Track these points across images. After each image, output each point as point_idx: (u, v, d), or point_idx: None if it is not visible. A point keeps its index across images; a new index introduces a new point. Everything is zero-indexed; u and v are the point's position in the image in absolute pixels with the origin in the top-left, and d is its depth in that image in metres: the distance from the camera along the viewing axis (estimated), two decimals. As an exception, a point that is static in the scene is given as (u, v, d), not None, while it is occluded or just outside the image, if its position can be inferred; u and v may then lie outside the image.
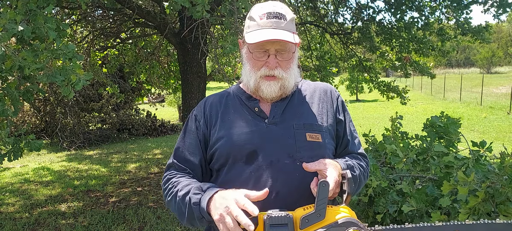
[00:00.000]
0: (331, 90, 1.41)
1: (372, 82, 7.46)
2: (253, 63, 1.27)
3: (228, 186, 1.22)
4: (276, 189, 1.20)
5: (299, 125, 1.27)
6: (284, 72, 1.26)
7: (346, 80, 22.34)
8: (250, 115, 1.30)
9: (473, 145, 2.61)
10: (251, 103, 1.31)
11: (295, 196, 1.21)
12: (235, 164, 1.24)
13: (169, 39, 5.67)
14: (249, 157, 1.23)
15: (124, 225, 4.34)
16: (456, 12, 5.83)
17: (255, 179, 1.21)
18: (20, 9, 2.40)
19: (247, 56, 1.30)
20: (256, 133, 1.26)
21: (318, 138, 1.27)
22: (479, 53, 46.68)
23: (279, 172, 1.21)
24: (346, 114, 1.40)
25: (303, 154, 1.23)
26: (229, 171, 1.25)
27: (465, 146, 2.88)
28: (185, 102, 5.95)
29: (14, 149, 2.90)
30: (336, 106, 1.37)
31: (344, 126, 1.37)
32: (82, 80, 2.45)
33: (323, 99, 1.37)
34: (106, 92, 10.35)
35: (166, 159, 8.02)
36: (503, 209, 2.01)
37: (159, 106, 15.08)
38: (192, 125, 1.35)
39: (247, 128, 1.27)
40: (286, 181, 1.21)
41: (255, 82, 1.27)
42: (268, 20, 1.23)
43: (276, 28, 1.22)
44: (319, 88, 1.40)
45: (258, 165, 1.22)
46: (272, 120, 1.28)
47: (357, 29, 6.71)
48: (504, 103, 14.89)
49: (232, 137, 1.26)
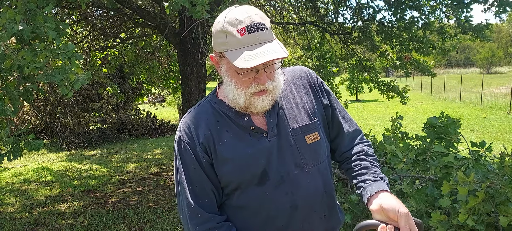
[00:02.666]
0: (309, 75, 1.34)
1: (372, 82, 7.46)
2: (241, 83, 1.16)
3: (246, 210, 1.21)
4: (295, 203, 1.19)
5: (296, 130, 1.23)
6: (273, 82, 1.19)
7: (346, 80, 22.33)
8: (248, 133, 1.21)
9: (473, 145, 2.61)
10: (245, 122, 1.22)
11: (311, 204, 1.22)
12: (248, 187, 1.20)
13: (169, 39, 5.67)
14: (261, 178, 1.19)
15: (124, 225, 4.34)
16: (457, 11, 5.83)
17: (272, 199, 1.18)
18: (20, 9, 2.40)
19: (231, 74, 1.17)
20: (260, 151, 1.19)
21: (316, 136, 1.25)
22: (479, 53, 46.66)
23: (292, 184, 1.19)
24: (330, 95, 1.36)
25: (307, 160, 1.22)
26: (242, 195, 1.20)
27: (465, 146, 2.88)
28: (185, 102, 5.95)
29: (14, 148, 2.90)
30: (318, 90, 1.33)
31: (330, 108, 1.33)
32: (81, 79, 2.45)
33: (305, 88, 1.32)
34: (106, 92, 10.35)
35: (166, 159, 8.02)
36: (503, 209, 2.01)
37: (159, 106, 15.07)
38: (187, 156, 1.21)
39: (250, 149, 1.19)
40: (301, 191, 1.20)
41: (244, 101, 1.18)
42: (250, 35, 1.09)
43: (261, 43, 1.10)
44: (297, 77, 1.33)
45: (270, 184, 1.19)
46: (272, 132, 1.22)
47: (357, 29, 6.70)
48: (504, 104, 14.88)
49: (238, 161, 1.19)
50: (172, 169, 6.94)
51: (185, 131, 1.22)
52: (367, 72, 7.40)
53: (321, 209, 1.25)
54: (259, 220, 1.21)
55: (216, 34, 1.16)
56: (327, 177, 1.30)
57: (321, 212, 1.25)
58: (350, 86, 22.33)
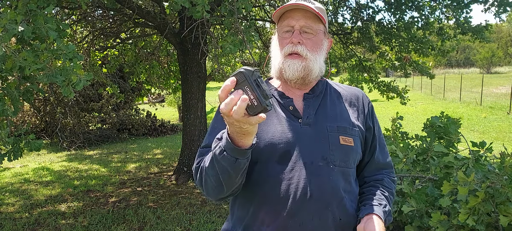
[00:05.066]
0: (363, 96, 1.39)
1: (372, 82, 7.46)
2: (280, 44, 1.26)
3: (260, 185, 1.20)
4: (310, 192, 1.18)
5: (332, 127, 1.25)
6: (308, 51, 1.23)
7: (346, 80, 22.34)
8: (284, 113, 1.25)
9: (473, 145, 2.62)
10: (285, 102, 1.27)
11: (327, 199, 1.20)
12: (268, 162, 1.20)
13: (169, 39, 5.67)
14: (283, 157, 1.20)
15: (124, 225, 4.34)
16: (456, 11, 5.83)
17: (288, 179, 1.18)
18: (21, 9, 2.41)
19: (277, 41, 1.29)
20: (290, 132, 1.22)
21: (350, 142, 1.25)
22: (479, 53, 46.67)
23: (313, 174, 1.19)
24: (375, 121, 1.39)
25: (336, 157, 1.22)
26: (261, 169, 1.21)
27: (465, 146, 2.88)
28: (185, 102, 5.95)
29: (14, 149, 2.90)
30: (367, 113, 1.36)
31: (372, 132, 1.36)
32: (83, 80, 2.45)
33: (354, 103, 1.35)
34: (106, 92, 10.35)
35: (166, 159, 8.03)
36: (503, 209, 2.01)
37: (159, 106, 15.08)
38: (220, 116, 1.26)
39: (280, 127, 1.22)
40: (320, 184, 1.19)
41: (279, 64, 1.25)
42: (296, 1, 1.23)
43: (304, 1, 1.22)
44: (351, 92, 1.39)
45: (292, 166, 1.19)
46: (306, 120, 1.24)
47: (356, 29, 6.71)
48: (504, 103, 14.89)
49: (266, 134, 1.21)
50: (172, 169, 6.95)
51: None
52: (367, 73, 7.40)
53: (338, 212, 1.22)
54: (273, 200, 1.20)
55: None
56: (351, 186, 1.28)
57: (336, 215, 1.22)
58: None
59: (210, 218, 4.46)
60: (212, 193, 1.18)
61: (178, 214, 4.61)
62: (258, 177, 1.21)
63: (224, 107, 0.92)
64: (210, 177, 1.13)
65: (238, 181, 1.13)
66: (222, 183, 1.11)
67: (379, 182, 1.35)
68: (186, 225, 4.29)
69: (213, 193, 1.18)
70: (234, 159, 1.03)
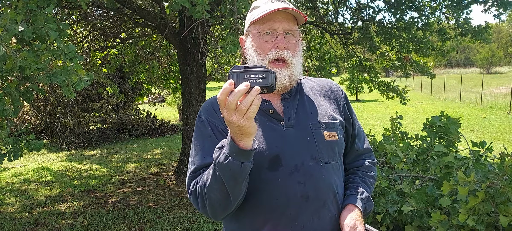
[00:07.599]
0: (336, 87, 1.40)
1: (372, 82, 7.47)
2: (261, 48, 1.21)
3: (255, 194, 1.18)
4: (307, 193, 1.18)
5: (315, 124, 1.25)
6: (292, 56, 1.21)
7: (346, 80, 22.35)
8: (265, 118, 1.23)
9: (473, 145, 2.62)
10: (264, 106, 1.23)
11: (323, 198, 1.21)
12: (259, 171, 1.17)
13: (169, 39, 5.68)
14: (273, 162, 1.18)
15: (124, 225, 4.34)
16: (456, 12, 5.83)
17: (283, 185, 1.17)
18: (21, 10, 2.41)
19: (253, 44, 1.23)
20: (275, 137, 1.20)
21: (334, 136, 1.26)
22: (479, 53, 46.69)
23: (306, 175, 1.18)
24: (352, 110, 1.41)
25: (324, 154, 1.22)
26: (253, 179, 1.17)
27: (465, 146, 2.88)
28: (185, 102, 5.96)
29: (14, 149, 2.90)
30: (343, 103, 1.37)
31: (351, 122, 1.38)
32: (84, 80, 2.45)
33: (329, 96, 1.36)
34: (106, 92, 10.35)
35: (166, 159, 8.03)
36: (503, 209, 2.01)
37: (159, 106, 15.08)
38: (206, 130, 1.22)
39: (264, 132, 1.20)
40: (314, 183, 1.19)
41: None
42: (274, 3, 1.21)
43: (282, 2, 1.22)
44: (324, 84, 1.39)
45: (283, 171, 1.18)
46: (288, 122, 1.23)
47: (357, 29, 6.71)
48: (504, 103, 14.89)
49: None
50: (172, 169, 6.95)
51: (207, 109, 1.26)
52: (367, 73, 7.40)
53: (333, 208, 1.24)
54: (270, 208, 1.18)
55: (248, 17, 1.27)
56: (340, 179, 1.30)
57: (333, 212, 1.24)
58: (350, 86, 22.34)
59: (210, 218, 4.46)
60: (219, 209, 1.14)
61: (178, 214, 4.61)
62: (252, 187, 1.17)
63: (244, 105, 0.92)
64: (214, 192, 1.10)
65: (243, 188, 1.11)
66: (229, 194, 1.08)
67: (358, 168, 1.38)
68: (186, 225, 4.29)
69: (219, 208, 1.13)
70: (240, 163, 1.01)
